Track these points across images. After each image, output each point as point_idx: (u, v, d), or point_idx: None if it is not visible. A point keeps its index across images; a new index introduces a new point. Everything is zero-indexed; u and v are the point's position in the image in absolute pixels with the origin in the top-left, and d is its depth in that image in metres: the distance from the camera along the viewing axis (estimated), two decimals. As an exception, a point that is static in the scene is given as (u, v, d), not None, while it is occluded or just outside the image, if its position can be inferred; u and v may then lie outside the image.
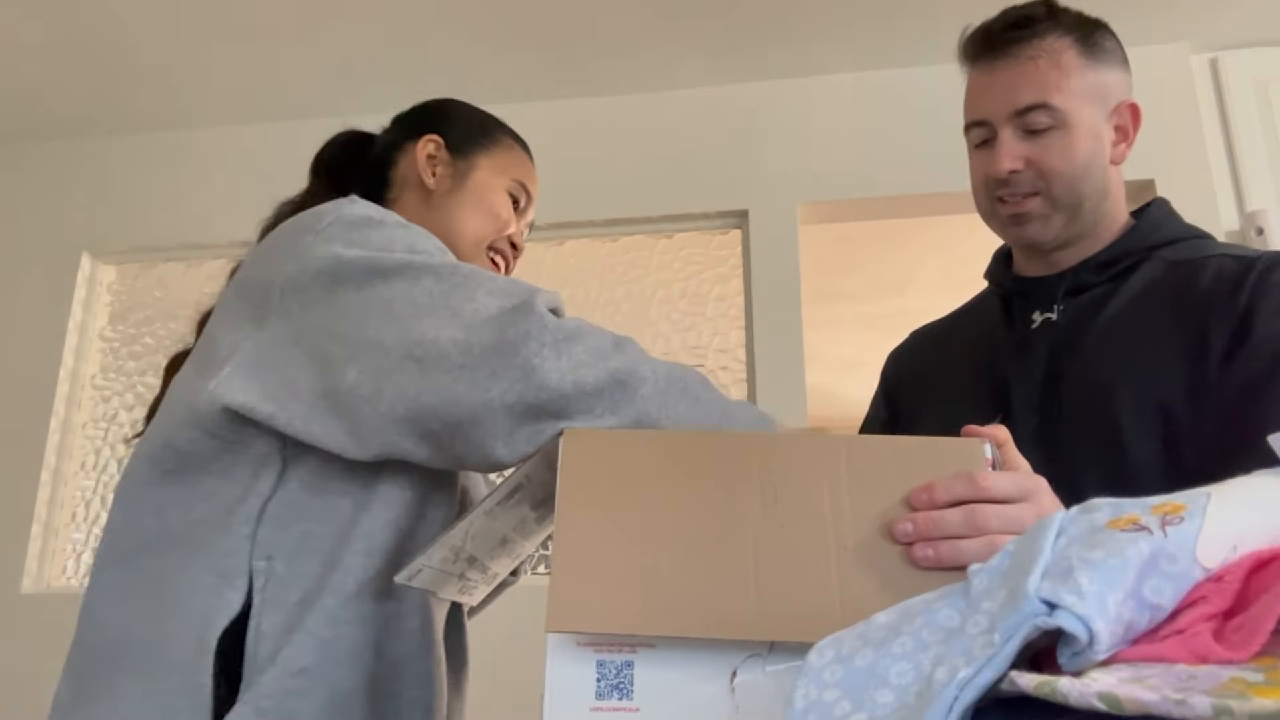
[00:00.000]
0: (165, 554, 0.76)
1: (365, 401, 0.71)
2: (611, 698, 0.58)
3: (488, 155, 1.02)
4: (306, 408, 0.73)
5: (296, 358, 0.75)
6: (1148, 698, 0.28)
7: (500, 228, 1.01)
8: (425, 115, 1.07)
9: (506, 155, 1.04)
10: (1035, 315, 1.03)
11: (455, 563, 0.76)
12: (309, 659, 0.72)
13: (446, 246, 0.91)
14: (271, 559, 0.75)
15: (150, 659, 0.73)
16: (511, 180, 1.03)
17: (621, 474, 0.62)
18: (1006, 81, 0.99)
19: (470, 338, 0.69)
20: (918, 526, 0.58)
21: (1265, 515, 0.38)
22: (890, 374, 1.20)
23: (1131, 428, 0.89)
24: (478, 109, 1.09)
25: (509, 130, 1.08)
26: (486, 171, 1.01)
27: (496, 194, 1.01)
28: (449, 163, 1.01)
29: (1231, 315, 0.88)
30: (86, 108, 2.57)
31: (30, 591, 2.36)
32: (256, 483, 0.77)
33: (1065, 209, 0.99)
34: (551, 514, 0.77)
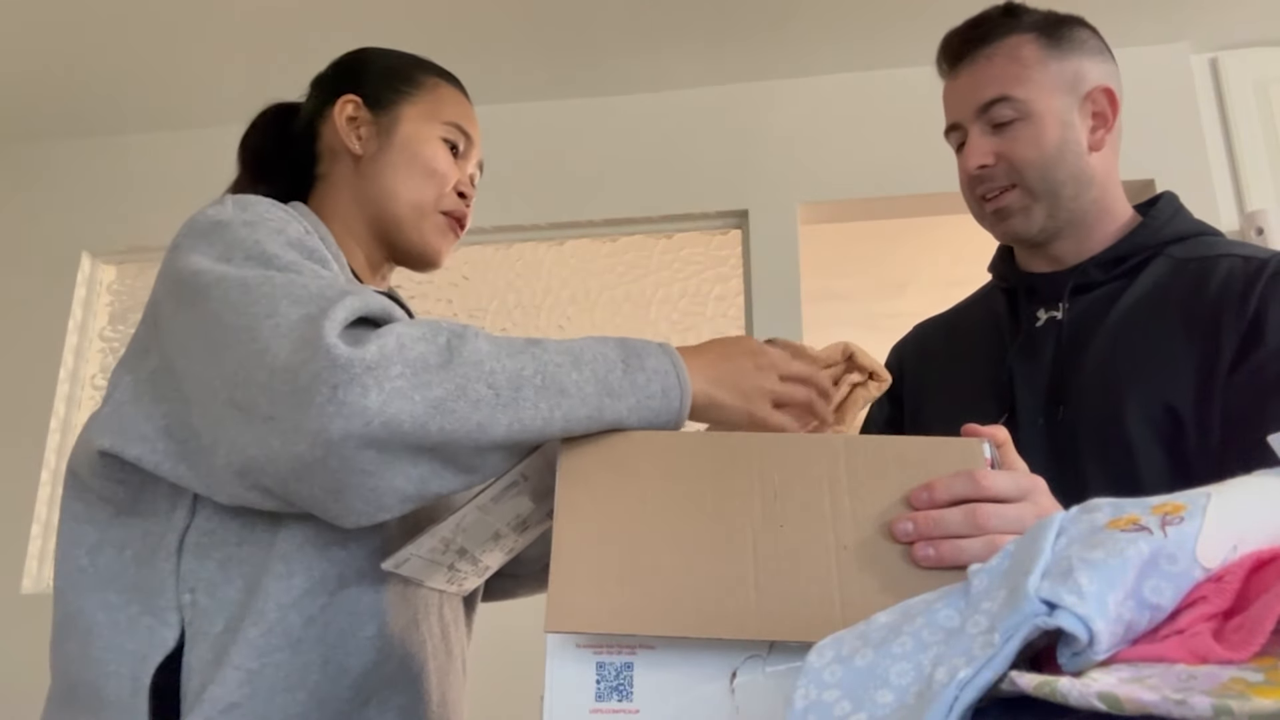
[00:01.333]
0: (96, 593, 0.74)
1: (207, 452, 0.67)
2: (611, 699, 0.58)
3: (411, 103, 0.93)
4: (167, 450, 0.70)
5: (160, 395, 0.72)
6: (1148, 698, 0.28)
7: (441, 183, 0.91)
8: (339, 74, 0.97)
9: (432, 97, 0.94)
10: (1040, 313, 1.02)
11: (445, 554, 0.75)
12: (237, 694, 0.69)
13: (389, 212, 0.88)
14: (194, 591, 0.72)
15: (94, 699, 0.71)
16: (443, 125, 0.92)
17: (621, 474, 0.62)
18: (967, 83, 1.01)
19: (272, 383, 0.63)
20: (918, 526, 0.58)
21: (1265, 515, 0.38)
22: (893, 368, 1.19)
23: (1138, 430, 0.89)
24: (395, 52, 0.98)
25: (433, 68, 0.97)
26: (414, 122, 0.92)
27: (429, 145, 0.91)
28: (371, 121, 0.92)
29: (1242, 320, 0.87)
30: (86, 108, 2.57)
31: (30, 591, 2.36)
32: (174, 514, 0.73)
33: (1044, 198, 0.98)
34: (548, 511, 0.77)
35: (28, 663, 2.43)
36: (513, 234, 2.50)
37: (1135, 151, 1.04)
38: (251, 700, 0.69)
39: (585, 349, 0.68)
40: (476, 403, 0.62)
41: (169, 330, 0.72)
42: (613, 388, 0.66)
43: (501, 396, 0.63)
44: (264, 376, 0.63)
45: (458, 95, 0.96)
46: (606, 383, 0.66)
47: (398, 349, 0.62)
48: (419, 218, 0.91)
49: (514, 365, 0.64)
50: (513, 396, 0.63)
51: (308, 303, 0.65)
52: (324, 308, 0.64)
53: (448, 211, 0.92)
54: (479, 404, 0.62)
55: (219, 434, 0.66)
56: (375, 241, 0.92)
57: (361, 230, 0.91)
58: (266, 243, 0.72)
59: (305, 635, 0.72)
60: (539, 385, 0.64)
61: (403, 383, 0.61)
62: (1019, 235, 1.01)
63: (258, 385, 0.63)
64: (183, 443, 0.69)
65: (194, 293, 0.70)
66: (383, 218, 0.91)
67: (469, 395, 0.62)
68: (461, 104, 0.96)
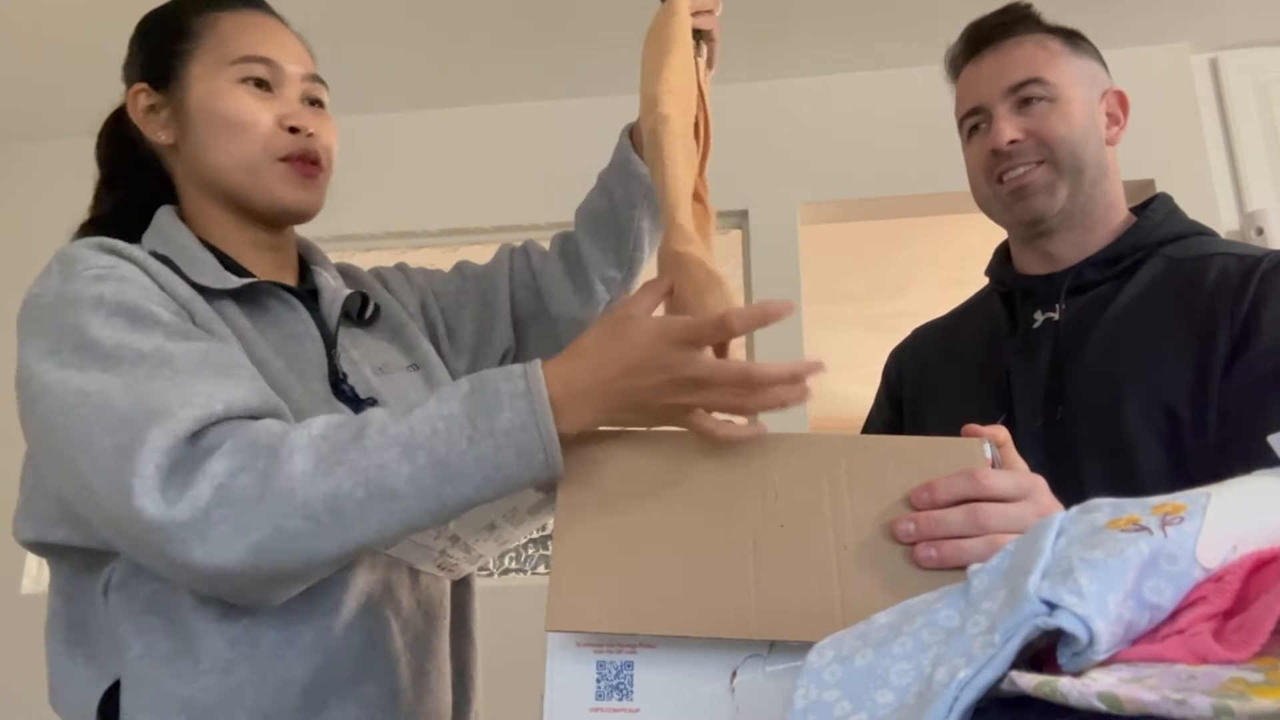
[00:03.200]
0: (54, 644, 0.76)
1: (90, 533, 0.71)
2: (611, 698, 0.58)
3: (193, 59, 0.81)
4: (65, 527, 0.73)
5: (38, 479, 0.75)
6: (1148, 698, 0.28)
7: (257, 132, 0.80)
8: (126, 62, 0.87)
9: (212, 40, 0.82)
10: (1037, 314, 1.02)
11: (437, 539, 0.75)
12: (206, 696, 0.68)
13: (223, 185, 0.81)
14: (120, 627, 0.71)
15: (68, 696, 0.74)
16: (232, 65, 0.80)
17: (622, 474, 0.62)
18: (994, 66, 1.02)
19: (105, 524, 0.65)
20: (919, 526, 0.58)
21: (1265, 515, 0.38)
22: (892, 373, 1.19)
23: (1136, 429, 0.89)
24: (165, 6, 0.86)
25: (203, 6, 0.84)
26: (200, 81, 0.81)
27: (223, 98, 0.80)
28: (164, 103, 0.83)
29: (1236, 317, 0.88)
30: (87, 108, 2.57)
31: (30, 591, 2.36)
32: (99, 558, 0.73)
33: (1069, 175, 0.99)
34: (546, 505, 0.77)
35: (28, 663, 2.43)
36: (513, 234, 2.50)
37: (1135, 151, 1.05)
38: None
39: (423, 425, 0.61)
40: (297, 536, 0.60)
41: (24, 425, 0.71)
42: (454, 471, 0.60)
43: (321, 525, 0.60)
44: (98, 516, 0.65)
45: (242, 20, 0.83)
46: (446, 466, 0.60)
47: (213, 495, 0.60)
48: (253, 177, 0.81)
49: (328, 486, 0.60)
50: (333, 520, 0.60)
51: (119, 430, 0.62)
52: (135, 441, 0.61)
53: (284, 156, 0.82)
54: (300, 537, 0.60)
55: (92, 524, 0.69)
56: (239, 217, 0.84)
57: (220, 214, 0.84)
58: (89, 326, 0.68)
59: (234, 656, 0.69)
60: (361, 499, 0.60)
61: (224, 528, 0.60)
62: (1039, 213, 1.01)
63: (96, 520, 0.66)
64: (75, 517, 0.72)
65: (27, 400, 0.69)
66: (226, 192, 0.83)
67: (286, 531, 0.60)
68: (249, 29, 0.83)
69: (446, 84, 2.49)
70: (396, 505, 0.60)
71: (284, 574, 0.63)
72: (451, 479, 0.60)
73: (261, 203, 0.83)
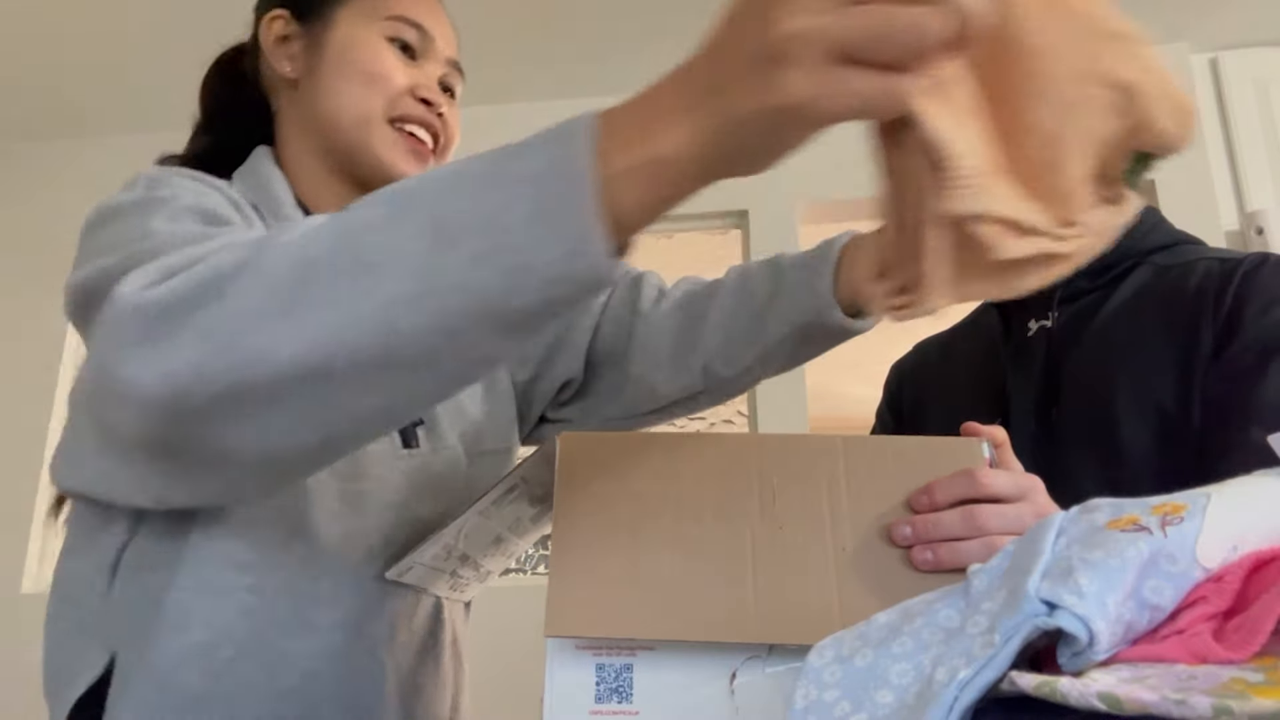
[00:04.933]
0: (56, 610, 0.70)
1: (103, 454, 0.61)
2: (611, 701, 0.58)
3: (345, 3, 0.78)
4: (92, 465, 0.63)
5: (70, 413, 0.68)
6: (1148, 698, 0.28)
7: (385, 87, 0.76)
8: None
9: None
10: (1031, 323, 1.05)
11: (447, 560, 0.75)
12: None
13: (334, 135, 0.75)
14: (125, 616, 0.64)
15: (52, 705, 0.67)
16: (385, 20, 0.77)
17: (619, 476, 0.62)
18: None
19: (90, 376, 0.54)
20: (916, 530, 0.58)
21: (1265, 515, 0.38)
22: (894, 387, 1.23)
23: (1129, 430, 0.91)
24: None
25: None
26: (349, 24, 0.77)
27: (366, 48, 0.76)
28: (301, 35, 0.79)
29: (1219, 315, 0.90)
30: (87, 108, 2.57)
31: (30, 591, 2.36)
32: (111, 530, 0.66)
33: None
34: (548, 513, 0.77)
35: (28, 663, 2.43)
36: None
37: (1135, 152, 1.05)
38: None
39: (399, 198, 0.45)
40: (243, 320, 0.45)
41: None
42: (446, 232, 0.42)
43: (279, 299, 0.44)
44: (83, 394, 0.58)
45: None
46: (438, 227, 0.42)
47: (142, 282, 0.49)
48: (364, 132, 0.76)
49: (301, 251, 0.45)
50: (295, 296, 0.44)
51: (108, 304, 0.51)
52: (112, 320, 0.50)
53: (400, 118, 0.77)
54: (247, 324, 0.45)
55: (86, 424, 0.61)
56: (337, 176, 0.79)
57: (318, 166, 0.79)
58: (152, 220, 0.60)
59: (211, 690, 0.63)
60: (330, 270, 0.44)
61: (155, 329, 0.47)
62: None
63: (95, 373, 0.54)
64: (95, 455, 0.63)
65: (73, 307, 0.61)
66: (332, 144, 0.78)
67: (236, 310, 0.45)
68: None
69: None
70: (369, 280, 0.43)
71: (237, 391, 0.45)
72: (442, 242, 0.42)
73: (365, 163, 0.77)
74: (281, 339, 0.44)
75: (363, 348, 0.43)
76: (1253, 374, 0.85)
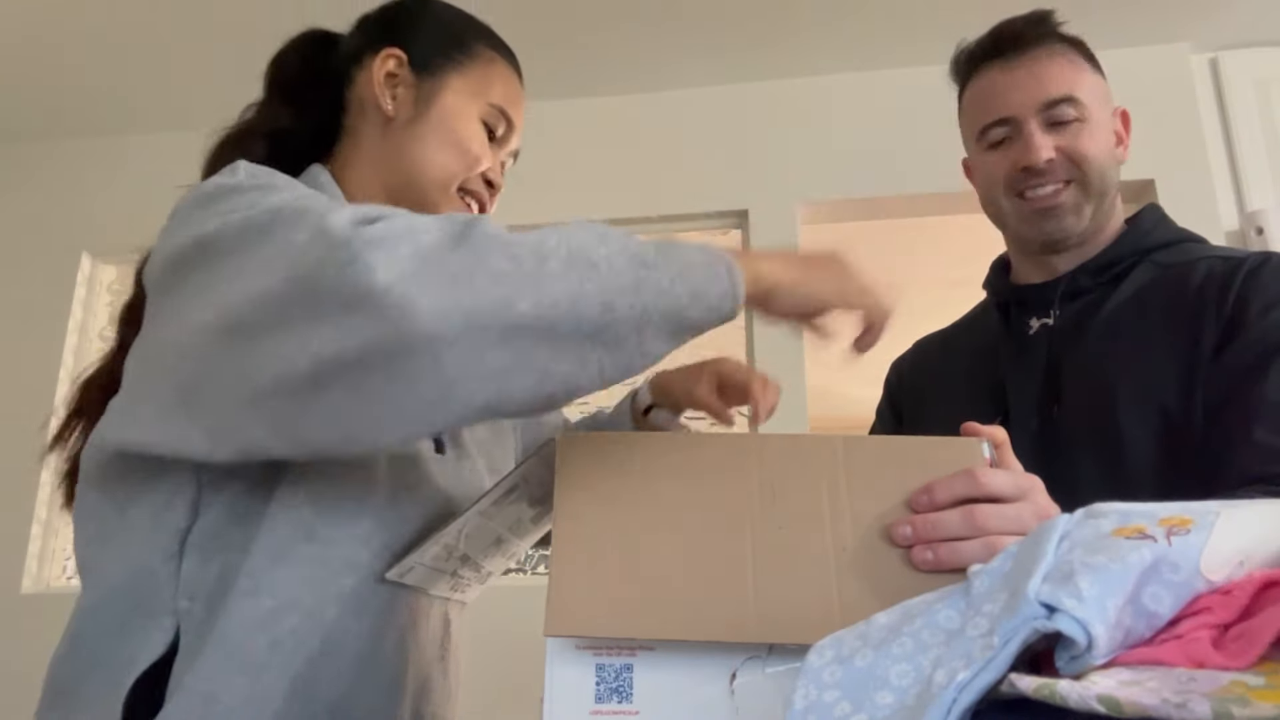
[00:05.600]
0: (96, 588, 0.70)
1: (209, 395, 0.61)
2: (611, 701, 0.58)
3: (460, 73, 0.85)
4: (162, 418, 0.64)
5: (153, 369, 0.67)
6: (1147, 701, 0.28)
7: (470, 164, 0.84)
8: (389, 21, 0.89)
9: (484, 72, 0.86)
10: (1033, 321, 1.04)
11: (448, 561, 0.75)
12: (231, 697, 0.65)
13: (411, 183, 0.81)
14: (193, 598, 0.67)
15: (71, 700, 0.68)
16: (487, 105, 0.86)
17: (619, 476, 0.62)
18: (1030, 75, 0.99)
19: (274, 289, 0.57)
20: (916, 529, 0.58)
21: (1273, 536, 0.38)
22: (894, 383, 1.22)
23: (1130, 427, 0.90)
24: (457, 9, 0.90)
25: (491, 37, 0.90)
26: (457, 94, 0.85)
27: (467, 123, 0.84)
28: (412, 84, 0.85)
29: (1221, 313, 0.90)
30: (86, 108, 2.57)
31: (30, 591, 2.36)
32: (172, 514, 0.69)
33: (1095, 197, 1.00)
34: (548, 514, 0.77)
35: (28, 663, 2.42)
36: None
37: (1135, 151, 1.04)
38: (245, 705, 0.65)
39: (610, 231, 0.60)
40: (498, 277, 0.54)
41: (165, 303, 0.67)
42: (646, 260, 0.58)
43: (523, 268, 0.55)
44: (263, 284, 0.58)
45: (510, 75, 0.89)
46: (639, 257, 0.58)
47: (405, 227, 0.56)
48: (440, 193, 0.84)
49: (533, 240, 0.57)
50: (536, 267, 0.55)
51: (308, 216, 0.59)
52: (325, 208, 0.58)
53: (467, 189, 0.86)
54: (500, 278, 0.54)
55: (223, 369, 0.60)
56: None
57: (376, 196, 0.84)
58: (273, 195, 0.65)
59: (270, 660, 0.67)
60: (564, 257, 0.56)
61: (413, 258, 0.54)
62: (1067, 233, 1.01)
63: (260, 299, 0.57)
64: (176, 405, 0.63)
65: (194, 250, 0.64)
66: (404, 188, 0.84)
67: (488, 268, 0.54)
68: (512, 85, 0.89)
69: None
70: (595, 273, 0.56)
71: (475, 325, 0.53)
72: (646, 265, 0.58)
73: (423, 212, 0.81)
74: (524, 293, 0.54)
75: (585, 318, 0.56)
76: (1255, 373, 0.85)
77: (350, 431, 0.58)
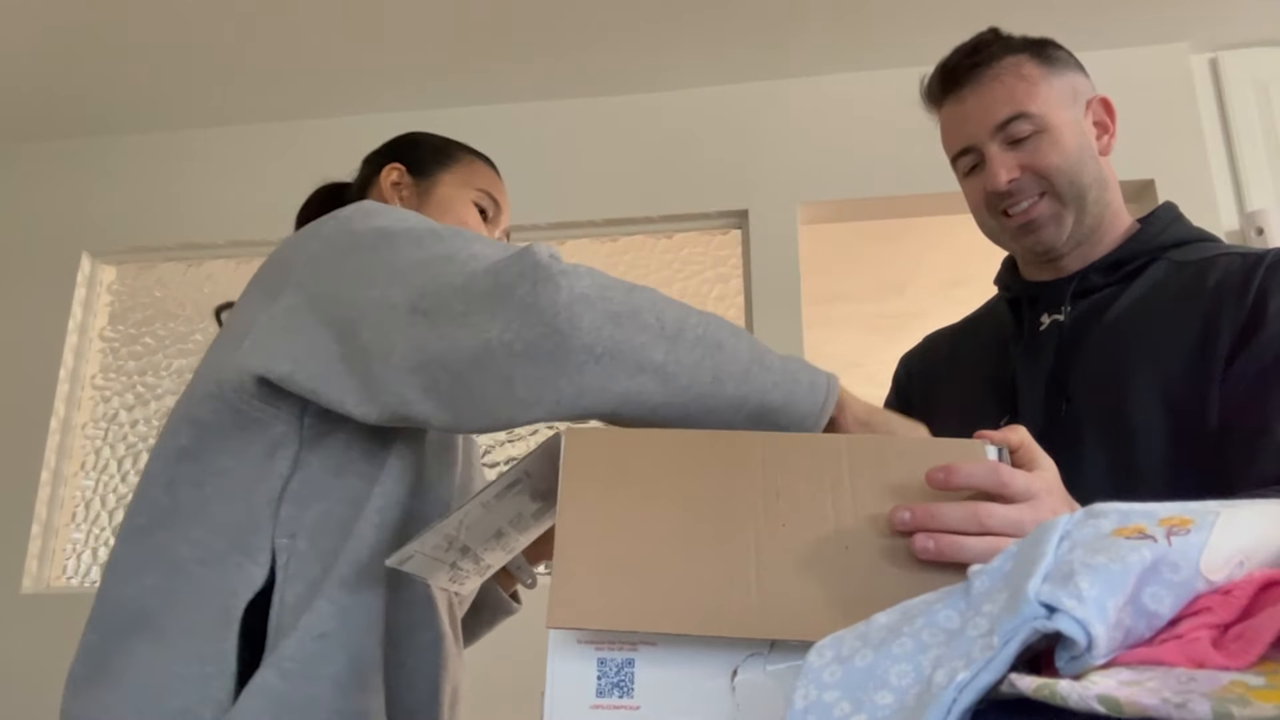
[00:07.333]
0: (179, 528, 0.78)
1: (377, 358, 0.72)
2: (612, 695, 0.58)
3: (449, 171, 1.07)
4: (322, 368, 0.75)
5: (312, 324, 0.77)
6: (1147, 701, 0.28)
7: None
8: (387, 148, 1.12)
9: (468, 169, 1.08)
10: (1044, 318, 1.04)
11: (448, 551, 0.76)
12: (330, 624, 0.75)
13: None
14: (294, 537, 0.78)
15: (171, 629, 0.75)
16: (475, 191, 1.06)
17: (623, 472, 0.62)
18: (978, 104, 1.01)
19: (469, 284, 0.70)
20: (915, 516, 0.58)
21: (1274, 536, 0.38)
22: (902, 377, 1.21)
23: (1140, 423, 0.90)
24: (438, 135, 1.13)
25: (470, 149, 1.12)
26: (449, 186, 1.06)
27: (461, 205, 1.05)
28: (412, 185, 1.06)
29: (1241, 310, 0.89)
30: (86, 108, 2.57)
31: (30, 591, 2.36)
32: (274, 463, 0.79)
33: (1072, 203, 1.00)
34: (550, 510, 0.77)
35: (28, 663, 2.43)
36: (513, 234, 2.50)
37: (1135, 151, 1.05)
38: (339, 632, 0.75)
39: (743, 333, 0.74)
40: (645, 328, 0.68)
41: (328, 272, 0.78)
42: (764, 360, 0.71)
43: (667, 329, 0.68)
44: (461, 281, 0.70)
45: (490, 171, 1.10)
46: (759, 354, 0.71)
47: (589, 271, 0.69)
48: None
49: (681, 312, 0.70)
50: (677, 331, 0.69)
51: (503, 248, 0.73)
52: (524, 247, 0.70)
53: None
54: (646, 329, 0.68)
55: (396, 339, 0.71)
56: None
57: None
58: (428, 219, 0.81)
59: (382, 584, 0.78)
60: (699, 335, 0.70)
61: (591, 291, 0.67)
62: (1049, 245, 1.02)
63: (452, 290, 0.70)
64: (339, 360, 0.75)
65: (375, 238, 0.77)
66: None
67: (641, 319, 0.68)
68: (493, 178, 1.09)
69: (446, 85, 2.49)
70: (719, 355, 0.69)
71: (613, 356, 0.67)
72: (761, 364, 0.71)
73: None
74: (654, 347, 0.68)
75: (696, 383, 0.69)
76: (1275, 372, 0.84)
77: (492, 408, 0.69)
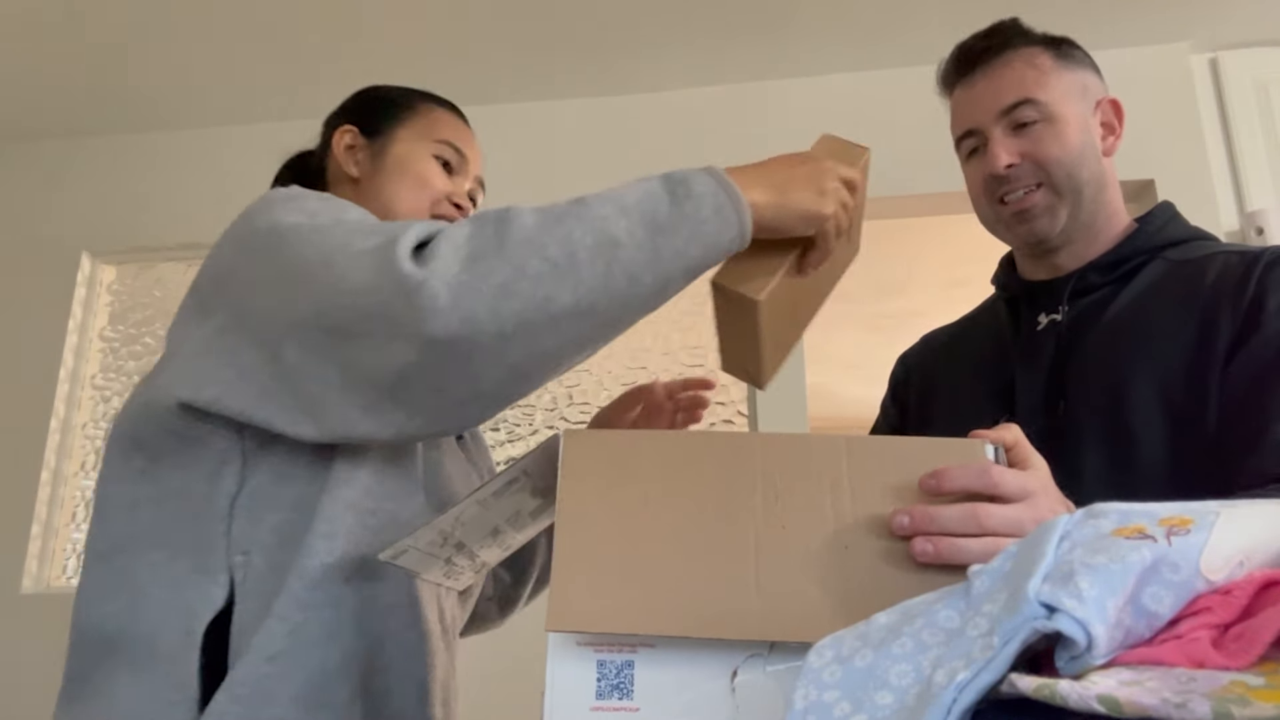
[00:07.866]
0: (141, 551, 0.77)
1: (312, 379, 0.70)
2: (612, 697, 0.58)
3: (403, 126, 1.00)
4: (257, 391, 0.73)
5: (244, 345, 0.74)
6: (1147, 701, 0.28)
7: (432, 194, 0.97)
8: (342, 108, 1.06)
9: (425, 120, 1.01)
10: (1041, 317, 1.04)
11: (443, 547, 0.75)
12: (280, 644, 0.72)
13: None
14: (248, 553, 0.75)
15: (140, 652, 0.74)
16: (434, 143, 0.99)
17: (623, 473, 0.62)
18: (987, 87, 1.02)
19: (356, 304, 0.67)
20: (914, 519, 0.58)
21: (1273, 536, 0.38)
22: (899, 377, 1.21)
23: (1138, 422, 0.90)
24: (394, 87, 1.06)
25: (428, 96, 1.04)
26: (405, 142, 0.99)
27: (420, 161, 0.98)
28: (366, 146, 1.00)
29: (1239, 308, 0.89)
30: (86, 108, 2.57)
31: (30, 591, 2.36)
32: (221, 480, 0.77)
33: (1068, 196, 1.00)
34: (548, 508, 0.77)
35: (28, 663, 2.43)
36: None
37: (1135, 151, 1.05)
38: (293, 650, 0.73)
39: (629, 193, 0.70)
40: (537, 278, 0.65)
41: (246, 283, 0.76)
42: (662, 224, 0.68)
43: (558, 268, 0.66)
44: (348, 300, 0.68)
45: (451, 118, 1.03)
46: (655, 221, 0.68)
47: (451, 250, 0.66)
48: None
49: (561, 232, 0.67)
50: (568, 264, 0.66)
51: (378, 234, 0.70)
52: (393, 236, 0.68)
53: (438, 216, 0.95)
54: (540, 279, 0.65)
55: (324, 360, 0.70)
56: None
57: None
58: (337, 208, 0.78)
59: (344, 595, 0.76)
60: (590, 245, 0.66)
61: (469, 275, 0.65)
62: (1041, 236, 1.01)
63: (342, 308, 0.68)
64: (274, 380, 0.72)
65: (274, 242, 0.75)
66: None
67: (527, 273, 0.65)
68: (455, 125, 1.02)
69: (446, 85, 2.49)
70: (621, 252, 0.67)
71: (527, 323, 0.65)
72: (662, 231, 0.68)
73: None
74: (562, 293, 0.65)
75: (616, 294, 0.67)
76: (1273, 370, 0.84)
77: (436, 417, 0.69)
